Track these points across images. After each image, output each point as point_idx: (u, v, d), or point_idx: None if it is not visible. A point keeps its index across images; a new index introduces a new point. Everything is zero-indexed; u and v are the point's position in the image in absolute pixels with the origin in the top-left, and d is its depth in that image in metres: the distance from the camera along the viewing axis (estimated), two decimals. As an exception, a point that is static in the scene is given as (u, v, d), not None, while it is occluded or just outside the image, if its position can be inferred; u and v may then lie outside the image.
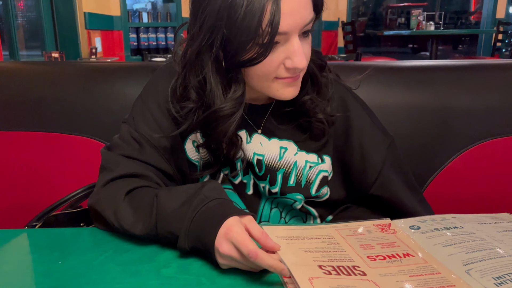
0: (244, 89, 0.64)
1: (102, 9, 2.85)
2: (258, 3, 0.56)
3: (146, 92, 0.76)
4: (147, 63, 1.11)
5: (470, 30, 5.59)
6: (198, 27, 0.61)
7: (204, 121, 0.66)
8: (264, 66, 0.61)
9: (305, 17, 0.60)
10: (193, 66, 0.64)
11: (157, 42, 3.42)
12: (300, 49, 0.60)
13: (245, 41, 0.57)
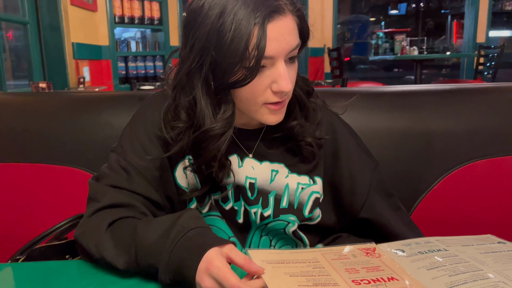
0: (233, 110, 0.66)
1: (91, 39, 2.88)
2: (245, 28, 0.58)
3: (134, 120, 0.76)
4: (134, 92, 1.12)
5: (452, 55, 5.75)
6: (188, 50, 0.63)
7: (195, 141, 0.66)
8: (251, 89, 0.63)
9: (291, 43, 0.62)
10: (183, 87, 0.66)
11: (145, 71, 3.45)
12: (286, 73, 0.62)
13: (233, 63, 0.59)
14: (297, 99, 0.73)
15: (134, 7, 3.26)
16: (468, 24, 5.06)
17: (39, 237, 0.74)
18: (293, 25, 0.63)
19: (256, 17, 0.58)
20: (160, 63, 3.54)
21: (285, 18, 0.62)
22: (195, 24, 0.62)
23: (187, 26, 0.64)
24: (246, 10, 0.59)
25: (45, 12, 2.45)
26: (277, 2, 0.61)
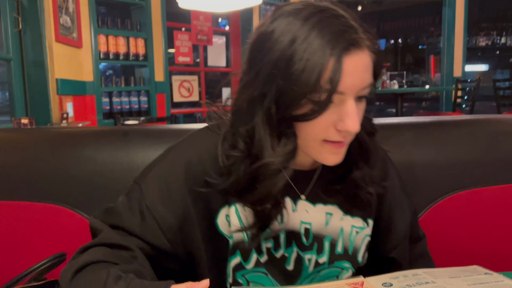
0: (295, 144, 0.61)
1: (75, 75, 2.89)
2: (320, 58, 0.54)
3: (170, 158, 0.69)
4: (118, 127, 1.11)
5: (431, 88, 5.92)
6: (253, 75, 0.60)
7: (251, 175, 0.62)
8: (314, 124, 0.58)
9: (364, 80, 0.59)
10: (242, 115, 0.62)
11: (130, 106, 3.45)
12: (354, 112, 0.58)
13: (301, 95, 0.56)
14: (359, 141, 0.68)
15: (119, 43, 3.30)
16: (444, 59, 5.25)
17: (17, 278, 0.71)
18: (369, 61, 0.59)
19: (332, 48, 0.55)
20: (144, 98, 3.55)
21: (362, 53, 0.58)
22: (263, 49, 0.58)
23: (254, 50, 0.61)
24: (321, 40, 0.55)
25: (30, 48, 2.46)
26: (357, 35, 0.57)
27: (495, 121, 1.15)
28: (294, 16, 0.57)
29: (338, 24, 0.56)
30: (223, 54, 4.47)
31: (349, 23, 0.57)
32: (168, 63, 3.67)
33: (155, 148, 0.99)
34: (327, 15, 0.57)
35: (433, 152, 1.01)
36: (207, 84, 4.55)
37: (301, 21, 0.57)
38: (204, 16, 3.94)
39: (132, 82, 3.53)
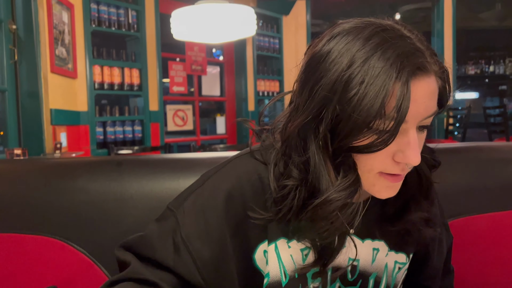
0: (357, 175, 0.54)
1: (70, 105, 2.90)
2: (384, 82, 0.48)
3: (209, 189, 0.62)
4: (112, 157, 1.11)
5: (422, 116, 6.00)
6: (305, 99, 0.54)
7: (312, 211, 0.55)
8: (374, 157, 0.53)
9: (429, 108, 0.53)
10: (295, 142, 0.56)
11: (124, 135, 3.45)
12: (416, 143, 0.53)
13: (362, 123, 0.49)
14: (420, 177, 0.62)
15: (114, 74, 3.33)
16: (435, 87, 5.34)
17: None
18: (435, 88, 0.53)
19: (398, 71, 0.49)
20: (139, 128, 3.56)
21: (428, 78, 0.52)
22: (319, 69, 0.52)
23: (308, 71, 0.54)
24: (385, 62, 0.49)
25: (25, 79, 2.47)
26: (424, 59, 0.51)
27: (487, 148, 1.16)
28: (355, 35, 0.52)
29: (404, 45, 0.51)
30: (217, 83, 4.53)
31: (415, 45, 0.52)
32: (162, 93, 3.70)
33: (149, 178, 0.98)
34: (391, 35, 0.51)
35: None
36: (202, 113, 4.58)
37: (362, 40, 0.51)
38: (199, 47, 4.00)
39: (126, 111, 3.54)
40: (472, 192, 1.01)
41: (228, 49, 4.45)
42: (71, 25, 2.91)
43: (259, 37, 4.47)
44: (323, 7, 6.37)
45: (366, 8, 7.36)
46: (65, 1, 2.81)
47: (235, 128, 4.54)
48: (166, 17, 3.13)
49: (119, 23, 3.35)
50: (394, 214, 0.63)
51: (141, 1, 3.45)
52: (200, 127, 4.34)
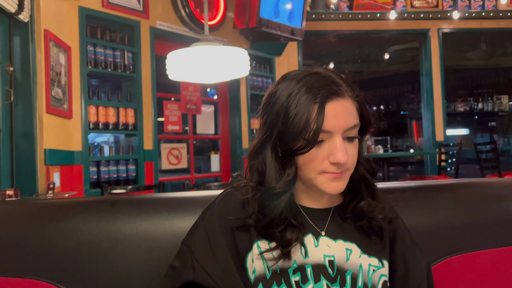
0: (295, 174, 0.75)
1: (64, 145, 2.90)
2: (307, 105, 0.71)
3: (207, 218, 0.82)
4: (105, 197, 1.10)
5: (415, 152, 6.06)
6: (263, 123, 0.77)
7: (260, 199, 0.75)
8: (311, 157, 0.73)
9: (348, 121, 0.73)
10: (257, 153, 0.78)
11: (117, 174, 3.43)
12: (342, 146, 0.72)
13: (295, 133, 0.71)
14: (363, 179, 0.80)
15: (109, 113, 3.36)
16: (426, 124, 5.43)
17: None
18: (351, 107, 0.74)
19: (317, 97, 0.71)
20: (133, 167, 3.55)
21: (344, 100, 0.73)
22: (269, 104, 0.76)
23: (264, 105, 0.78)
24: (309, 93, 0.71)
25: (20, 120, 2.48)
26: (338, 87, 0.73)
27: (480, 184, 1.18)
28: (292, 79, 0.75)
29: (324, 81, 0.73)
30: (212, 121, 4.57)
31: (333, 80, 0.74)
32: (157, 132, 3.72)
33: (143, 218, 0.98)
34: (316, 76, 0.74)
35: (422, 218, 1.01)
36: (196, 151, 4.59)
37: (296, 81, 0.74)
38: (194, 87, 4.07)
39: (120, 151, 3.54)
40: (467, 229, 1.01)
41: (222, 89, 4.53)
42: (67, 67, 2.96)
43: (253, 77, 4.56)
44: (314, 48, 6.57)
45: (355, 48, 7.58)
46: (63, 44, 2.88)
47: (229, 166, 4.54)
48: (161, 58, 3.20)
49: (115, 65, 3.42)
50: (351, 211, 0.81)
51: (137, 43, 3.54)
52: (194, 165, 4.33)
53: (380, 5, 4.95)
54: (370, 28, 5.21)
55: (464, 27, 5.29)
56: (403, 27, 5.23)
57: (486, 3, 5.16)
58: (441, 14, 5.16)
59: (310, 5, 4.90)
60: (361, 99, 0.77)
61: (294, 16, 4.35)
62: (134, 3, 3.51)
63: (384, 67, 8.66)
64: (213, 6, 4.00)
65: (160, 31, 3.70)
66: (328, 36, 5.40)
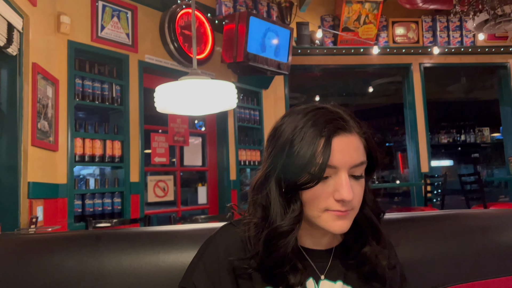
0: (301, 210, 0.72)
1: (48, 178, 2.85)
2: (313, 139, 0.69)
3: (206, 254, 0.78)
4: (90, 231, 1.08)
5: (401, 184, 6.11)
6: (267, 155, 0.76)
7: (266, 238, 0.72)
8: (316, 193, 0.70)
9: (355, 157, 0.71)
10: (261, 186, 0.76)
11: (103, 208, 3.37)
12: (348, 183, 0.69)
13: (300, 167, 0.69)
14: (368, 221, 0.77)
15: (96, 146, 3.33)
16: (411, 155, 5.50)
17: None
18: (358, 143, 0.73)
19: (323, 132, 0.69)
20: (118, 200, 3.50)
21: (351, 136, 0.72)
22: (275, 136, 0.75)
23: (270, 138, 0.77)
24: (315, 126, 0.70)
25: (4, 152, 2.45)
26: (345, 123, 0.72)
27: (467, 216, 1.19)
28: (299, 112, 0.75)
29: (331, 116, 0.72)
30: (199, 153, 4.56)
31: (341, 115, 0.73)
32: (144, 164, 3.70)
33: (128, 252, 0.96)
34: (323, 111, 0.74)
35: (409, 250, 1.01)
36: (183, 183, 4.55)
37: (302, 115, 0.73)
38: (181, 119, 4.09)
39: (106, 183, 3.50)
40: (454, 261, 1.01)
41: (210, 121, 4.56)
42: (55, 99, 2.96)
43: (240, 109, 4.61)
44: (300, 82, 6.69)
45: (340, 82, 7.75)
46: (51, 77, 2.89)
47: (217, 198, 4.51)
48: (150, 90, 3.22)
49: (103, 97, 3.43)
50: (354, 255, 0.78)
51: (126, 76, 3.57)
52: (181, 198, 4.29)
53: (363, 40, 5.12)
54: (354, 63, 5.35)
55: (444, 62, 5.47)
56: (386, 62, 5.39)
57: (465, 39, 5.37)
58: (422, 50, 5.34)
59: (296, 41, 5.04)
60: (368, 136, 0.75)
61: (280, 51, 4.46)
62: (123, 37, 3.56)
63: (369, 100, 8.84)
64: (201, 41, 4.08)
65: (148, 65, 3.75)
66: (313, 70, 5.53)
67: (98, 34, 3.37)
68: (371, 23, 5.07)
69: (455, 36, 5.36)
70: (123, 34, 3.56)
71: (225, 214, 2.79)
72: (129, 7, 3.62)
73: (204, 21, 4.10)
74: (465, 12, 3.65)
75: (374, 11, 5.01)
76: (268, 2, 4.81)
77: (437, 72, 5.95)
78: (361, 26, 5.07)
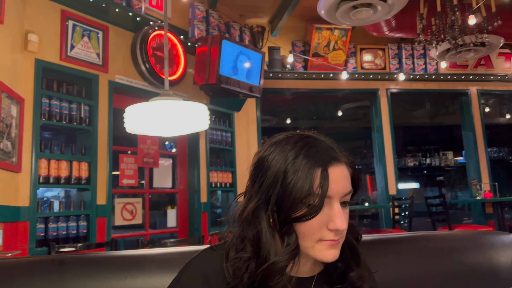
0: (297, 243, 0.71)
1: (9, 200, 2.73)
2: (310, 169, 0.68)
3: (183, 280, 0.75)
4: (52, 256, 1.03)
5: (370, 206, 6.20)
6: (257, 188, 0.72)
7: (259, 276, 0.69)
8: (310, 225, 0.70)
9: (346, 187, 0.72)
10: (250, 221, 0.72)
11: (67, 231, 3.24)
12: (341, 212, 0.70)
13: (298, 200, 0.68)
14: (349, 246, 0.78)
15: (62, 167, 3.23)
16: (379, 178, 5.62)
17: None
18: (347, 172, 0.74)
19: (319, 162, 0.69)
20: (84, 223, 3.37)
21: (342, 165, 0.73)
22: (264, 167, 0.72)
23: (256, 168, 0.74)
24: (309, 157, 0.69)
25: (-38, 173, 2.33)
26: (335, 153, 0.73)
27: (433, 237, 1.21)
28: (286, 142, 0.73)
29: (321, 145, 0.73)
30: (169, 175, 4.50)
31: (328, 145, 0.74)
32: (111, 186, 3.61)
33: (93, 278, 0.92)
34: (311, 140, 0.74)
35: (380, 271, 1.02)
36: (152, 206, 4.46)
37: (291, 144, 0.72)
38: (152, 140, 4.04)
39: (71, 206, 3.38)
40: (422, 281, 1.02)
41: (181, 142, 4.52)
42: (19, 119, 2.87)
43: (212, 131, 4.60)
44: (272, 105, 6.78)
45: (311, 106, 7.90)
46: (16, 95, 2.80)
47: (187, 221, 4.43)
48: (120, 111, 3.17)
49: (71, 117, 3.34)
50: (338, 280, 0.78)
51: (95, 96, 3.51)
52: (149, 221, 4.19)
53: (333, 66, 5.26)
54: (324, 87, 5.48)
55: (410, 88, 5.69)
56: (355, 87, 5.55)
57: (428, 66, 5.61)
58: (388, 76, 5.54)
59: (268, 64, 5.12)
60: (354, 165, 0.76)
61: (252, 74, 4.52)
62: (94, 57, 3.52)
63: (338, 123, 9.03)
64: (173, 62, 4.08)
65: (119, 85, 3.71)
66: (284, 94, 5.61)
67: (68, 53, 3.32)
68: (340, 49, 5.23)
69: (420, 63, 5.60)
70: (94, 54, 3.52)
71: (196, 237, 2.74)
72: (100, 27, 3.59)
73: (176, 43, 4.12)
74: (429, 41, 3.83)
75: (343, 38, 5.18)
76: (240, 26, 4.89)
77: (403, 98, 6.17)
78: (331, 52, 5.23)
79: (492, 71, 5.79)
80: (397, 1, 3.15)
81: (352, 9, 3.27)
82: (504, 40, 3.93)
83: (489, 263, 1.10)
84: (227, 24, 4.81)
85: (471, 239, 1.18)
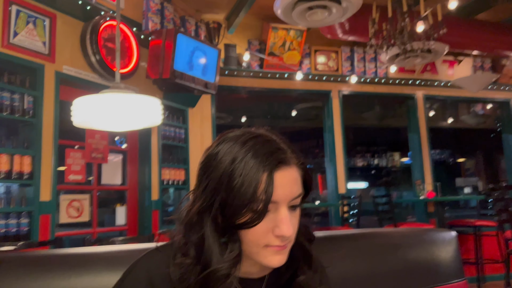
0: (240, 250, 0.69)
1: None
2: (255, 174, 0.65)
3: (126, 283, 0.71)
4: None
5: (320, 204, 6.34)
6: (202, 190, 0.70)
7: (202, 282, 0.67)
8: (255, 231, 0.67)
9: (294, 191, 0.70)
10: (193, 225, 0.70)
11: (6, 229, 3.05)
12: (287, 218, 0.68)
13: (241, 205, 0.65)
14: (301, 247, 0.76)
15: (2, 161, 3.03)
16: (330, 177, 5.76)
17: None
18: (297, 175, 0.71)
19: (265, 165, 0.66)
20: (26, 220, 3.19)
21: (290, 169, 0.69)
22: (210, 167, 0.69)
23: (202, 168, 0.71)
24: (256, 159, 0.66)
25: None
26: (285, 155, 0.69)
27: (380, 234, 1.26)
28: (235, 141, 0.70)
29: (270, 146, 0.69)
30: (119, 171, 4.35)
31: (279, 146, 0.71)
32: (56, 182, 3.43)
33: (34, 277, 0.87)
34: (261, 139, 0.70)
35: (329, 266, 1.04)
36: (100, 203, 4.30)
37: (240, 144, 0.69)
38: (101, 135, 3.89)
39: (12, 202, 3.18)
40: (370, 277, 1.06)
41: (132, 138, 4.39)
42: (-46, 108, 2.66)
43: (165, 127, 4.51)
44: (227, 102, 6.75)
45: (266, 105, 7.96)
46: (-50, 83, 2.60)
47: (137, 219, 4.31)
48: (67, 103, 3.03)
49: (12, 108, 3.15)
50: (287, 284, 0.76)
51: (40, 87, 3.32)
52: (97, 218, 4.04)
53: (288, 66, 5.32)
54: (279, 87, 5.53)
55: (360, 90, 5.87)
56: (308, 88, 5.65)
57: (379, 70, 5.83)
58: (340, 78, 5.69)
59: (224, 62, 5.09)
60: (305, 166, 0.74)
61: (208, 70, 4.48)
62: (39, 45, 3.33)
63: (292, 123, 9.16)
64: (125, 55, 3.96)
65: (66, 76, 3.54)
66: (240, 92, 5.61)
67: (10, 40, 3.12)
68: (295, 50, 5.30)
69: (371, 67, 5.80)
70: (39, 42, 3.33)
71: (146, 236, 2.68)
72: (47, 14, 3.40)
73: (129, 35, 3.99)
74: (379, 46, 3.97)
75: (298, 39, 5.25)
76: (196, 21, 4.83)
77: (354, 100, 6.35)
78: (286, 52, 5.29)
79: (437, 77, 6.11)
80: (351, 4, 3.24)
81: (308, 10, 3.32)
82: (449, 47, 4.15)
83: (430, 259, 1.16)
84: (183, 18, 4.73)
85: (414, 236, 1.23)
